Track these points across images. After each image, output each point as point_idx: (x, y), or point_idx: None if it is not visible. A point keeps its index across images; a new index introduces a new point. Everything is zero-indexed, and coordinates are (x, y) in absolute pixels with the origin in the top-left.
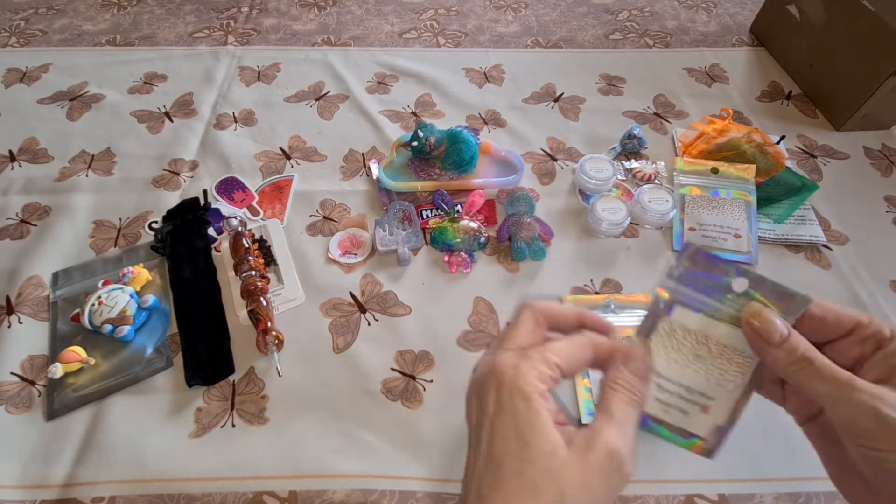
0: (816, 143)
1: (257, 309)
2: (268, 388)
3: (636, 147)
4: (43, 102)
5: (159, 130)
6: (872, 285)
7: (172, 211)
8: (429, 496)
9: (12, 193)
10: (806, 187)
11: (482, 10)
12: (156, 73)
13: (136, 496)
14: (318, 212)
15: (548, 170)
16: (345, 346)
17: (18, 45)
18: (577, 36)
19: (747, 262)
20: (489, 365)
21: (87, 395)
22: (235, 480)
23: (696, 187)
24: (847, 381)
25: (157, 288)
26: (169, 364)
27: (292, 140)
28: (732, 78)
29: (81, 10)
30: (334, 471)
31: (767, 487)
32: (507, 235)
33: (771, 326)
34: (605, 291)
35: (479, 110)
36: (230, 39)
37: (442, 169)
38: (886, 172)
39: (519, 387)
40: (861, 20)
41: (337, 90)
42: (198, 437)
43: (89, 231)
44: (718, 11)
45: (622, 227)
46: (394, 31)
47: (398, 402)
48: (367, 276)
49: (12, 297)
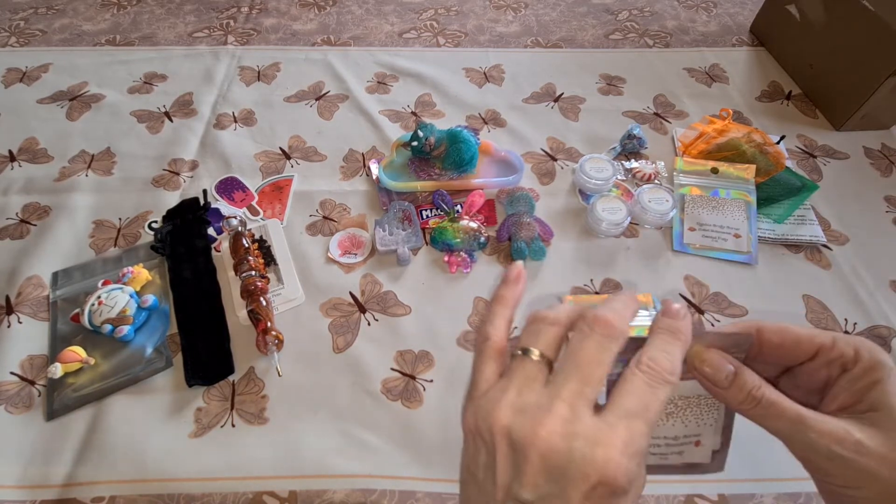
0: (816, 143)
1: (257, 309)
2: (268, 388)
3: (636, 147)
4: (43, 102)
5: (159, 130)
6: (872, 285)
7: (172, 211)
8: (429, 496)
9: (12, 193)
10: (806, 187)
11: (482, 10)
12: (156, 72)
13: (136, 496)
14: (317, 212)
15: (548, 170)
16: (345, 346)
17: (18, 45)
18: (577, 36)
19: (747, 262)
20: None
21: (87, 395)
22: (235, 480)
23: (695, 187)
24: (797, 419)
25: (156, 288)
26: (169, 364)
27: (292, 140)
28: (732, 78)
29: (81, 10)
30: (334, 471)
31: (767, 487)
32: (507, 235)
33: (717, 369)
34: (605, 291)
35: (479, 110)
36: (230, 39)
37: (442, 169)
38: (886, 172)
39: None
40: (861, 20)
41: (337, 90)
42: (198, 437)
43: (89, 231)
44: (718, 11)
45: (622, 227)
46: (394, 31)
47: (398, 402)
48: (367, 276)
49: (12, 297)
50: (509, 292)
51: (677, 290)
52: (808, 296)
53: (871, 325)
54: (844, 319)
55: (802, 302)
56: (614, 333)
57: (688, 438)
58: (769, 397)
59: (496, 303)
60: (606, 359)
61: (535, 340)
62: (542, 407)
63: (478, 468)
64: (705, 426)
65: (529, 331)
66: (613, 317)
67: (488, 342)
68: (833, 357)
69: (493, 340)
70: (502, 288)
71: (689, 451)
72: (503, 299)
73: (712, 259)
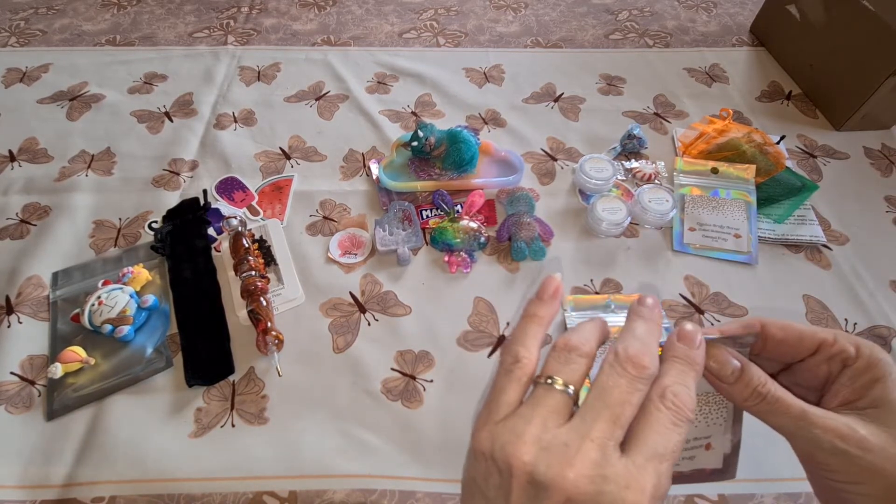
0: (816, 143)
1: (257, 309)
2: (268, 388)
3: (636, 147)
4: (43, 102)
5: (159, 130)
6: (872, 285)
7: (172, 211)
8: (429, 496)
9: (12, 193)
10: (806, 187)
11: (482, 10)
12: (156, 73)
13: (136, 496)
14: (317, 212)
15: (548, 170)
16: (345, 346)
17: (18, 45)
18: (577, 36)
19: (747, 262)
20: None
21: (87, 395)
22: (235, 480)
23: (696, 187)
24: (801, 415)
25: (157, 288)
26: (169, 364)
27: (292, 140)
28: (732, 78)
29: (81, 10)
30: (334, 471)
31: (767, 487)
32: (507, 235)
33: (723, 364)
34: (605, 291)
35: (479, 110)
36: (230, 39)
37: (442, 169)
38: (886, 172)
39: None
40: (861, 20)
41: (337, 90)
42: (198, 437)
43: (89, 231)
44: (718, 11)
45: (622, 227)
46: (394, 31)
47: (398, 402)
48: (367, 276)
49: (12, 297)
50: (545, 310)
51: (678, 290)
52: (808, 296)
53: (871, 325)
54: (844, 319)
55: (802, 302)
56: (645, 374)
57: (698, 441)
58: (774, 393)
59: (530, 321)
60: (636, 400)
61: (564, 371)
62: (570, 447)
63: (488, 487)
64: (715, 426)
65: (558, 359)
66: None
67: (519, 364)
68: (834, 353)
69: (523, 363)
70: (537, 305)
71: (701, 455)
72: (538, 318)
73: (712, 259)
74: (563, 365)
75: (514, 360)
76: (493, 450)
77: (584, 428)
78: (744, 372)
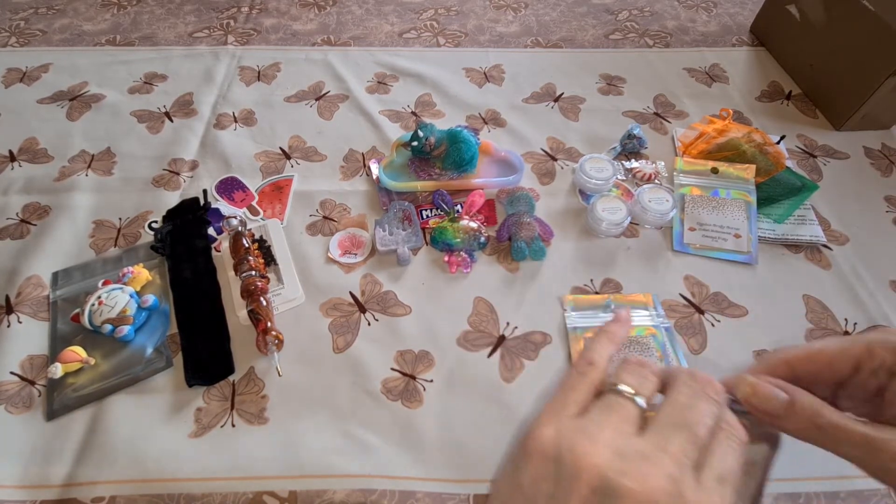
0: (816, 143)
1: (257, 309)
2: (268, 388)
3: (636, 147)
4: (43, 102)
5: (159, 130)
6: (872, 285)
7: (172, 211)
8: (429, 496)
9: (12, 193)
10: (806, 187)
11: (482, 10)
12: (156, 72)
13: (136, 496)
14: (318, 212)
15: (548, 170)
16: (345, 346)
17: (18, 45)
18: (577, 36)
19: (747, 262)
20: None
21: (87, 395)
22: (235, 480)
23: (696, 187)
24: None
25: (157, 288)
26: (169, 364)
27: (292, 140)
28: (732, 78)
29: (81, 10)
30: (334, 471)
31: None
32: (507, 235)
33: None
34: (605, 291)
35: (479, 110)
36: (230, 39)
37: (442, 169)
38: (886, 172)
39: None
40: (861, 20)
41: (337, 90)
42: (198, 437)
43: (89, 231)
44: (718, 11)
45: (622, 227)
46: (394, 31)
47: (398, 402)
48: (367, 276)
49: (12, 297)
50: (620, 330)
51: (677, 290)
52: (808, 296)
53: (871, 325)
54: (844, 319)
55: (802, 302)
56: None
57: None
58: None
59: (606, 336)
60: (711, 423)
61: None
62: (647, 458)
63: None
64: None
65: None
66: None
67: (593, 366)
68: (876, 366)
69: (597, 367)
70: (614, 325)
71: None
72: (613, 335)
73: (712, 259)
74: (637, 377)
75: (589, 362)
76: (560, 451)
77: (661, 441)
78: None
